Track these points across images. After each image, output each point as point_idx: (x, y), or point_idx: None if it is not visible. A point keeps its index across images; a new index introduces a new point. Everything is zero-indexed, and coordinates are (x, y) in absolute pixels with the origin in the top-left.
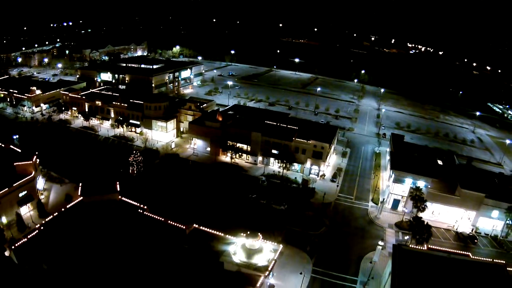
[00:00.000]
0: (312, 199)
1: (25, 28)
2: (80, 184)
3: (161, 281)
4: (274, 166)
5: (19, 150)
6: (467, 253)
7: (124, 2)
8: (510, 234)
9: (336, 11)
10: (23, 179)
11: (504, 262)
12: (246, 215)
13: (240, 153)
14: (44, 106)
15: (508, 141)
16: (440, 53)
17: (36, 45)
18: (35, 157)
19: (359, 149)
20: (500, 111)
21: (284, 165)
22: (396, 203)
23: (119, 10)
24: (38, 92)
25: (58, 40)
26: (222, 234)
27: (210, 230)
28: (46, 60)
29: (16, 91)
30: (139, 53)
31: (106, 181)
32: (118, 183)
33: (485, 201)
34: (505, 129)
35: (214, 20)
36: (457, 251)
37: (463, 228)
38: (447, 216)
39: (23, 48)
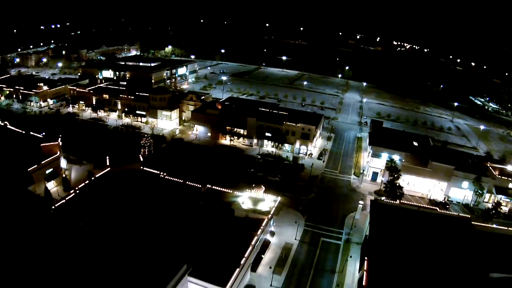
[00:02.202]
0: (302, 173)
1: (15, 31)
2: (107, 157)
3: (184, 227)
4: (268, 147)
5: (41, 136)
6: (435, 207)
7: (108, 4)
8: (481, 202)
9: (322, 10)
10: (50, 158)
11: (469, 216)
12: (246, 183)
13: (237, 137)
14: (50, 101)
15: (482, 127)
16: (426, 50)
17: (31, 46)
18: (59, 138)
19: (343, 135)
20: (481, 104)
21: (276, 146)
22: (375, 175)
23: (105, 12)
24: (45, 88)
25: (52, 41)
26: (231, 191)
27: (221, 189)
28: (44, 60)
29: (22, 88)
30: (133, 53)
31: (130, 154)
32: (140, 155)
33: (455, 173)
34: (484, 119)
35: (202, 20)
36: (426, 206)
37: (436, 196)
38: (421, 187)
39: (19, 49)
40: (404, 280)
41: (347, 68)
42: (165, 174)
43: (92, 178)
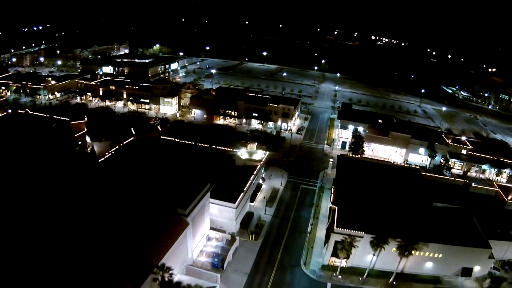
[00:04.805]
0: (284, 143)
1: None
2: (132, 128)
3: (200, 171)
4: (255, 124)
5: (67, 119)
6: (389, 160)
7: (85, 6)
8: (436, 165)
9: (300, 7)
10: (79, 133)
11: (419, 167)
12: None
13: (229, 117)
14: (58, 94)
15: (444, 108)
16: (403, 44)
17: (23, 47)
18: (86, 117)
19: (318, 116)
20: (452, 92)
21: (262, 123)
22: (343, 144)
23: (84, 13)
24: (53, 82)
25: (43, 42)
26: (231, 149)
27: (224, 148)
28: (42, 59)
29: (30, 83)
30: (122, 51)
31: (149, 126)
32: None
33: (412, 141)
34: (454, 106)
35: (183, 19)
36: (383, 159)
37: (396, 161)
38: (384, 153)
39: (12, 50)
40: (361, 201)
41: (323, 61)
42: (179, 140)
43: (121, 144)
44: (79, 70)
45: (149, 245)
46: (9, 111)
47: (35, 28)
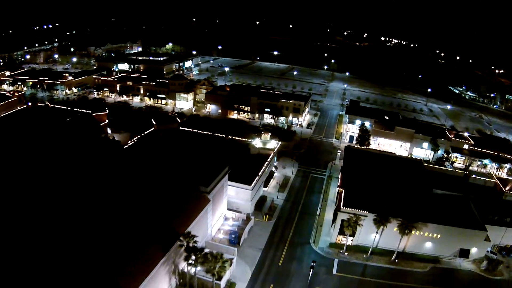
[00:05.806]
0: (294, 137)
1: (10, 31)
2: (153, 119)
3: (218, 158)
4: (267, 119)
5: (89, 111)
6: (393, 152)
7: (94, 5)
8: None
9: (310, 7)
10: (102, 124)
11: (422, 159)
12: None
13: (242, 112)
14: (75, 89)
15: (449, 107)
16: (412, 45)
17: (36, 45)
18: (107, 109)
19: (327, 112)
20: (458, 92)
21: (274, 118)
22: (351, 138)
23: (93, 12)
24: (70, 78)
25: (56, 40)
26: (246, 139)
27: (239, 138)
28: (56, 56)
29: (47, 78)
30: (135, 49)
31: (169, 118)
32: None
33: (416, 135)
34: (459, 105)
35: (194, 19)
36: (387, 151)
37: (401, 154)
38: (389, 147)
39: (25, 48)
40: (365, 186)
41: (333, 61)
42: (197, 131)
43: (142, 134)
44: (94, 67)
45: (175, 217)
46: (29, 104)
47: (45, 27)
